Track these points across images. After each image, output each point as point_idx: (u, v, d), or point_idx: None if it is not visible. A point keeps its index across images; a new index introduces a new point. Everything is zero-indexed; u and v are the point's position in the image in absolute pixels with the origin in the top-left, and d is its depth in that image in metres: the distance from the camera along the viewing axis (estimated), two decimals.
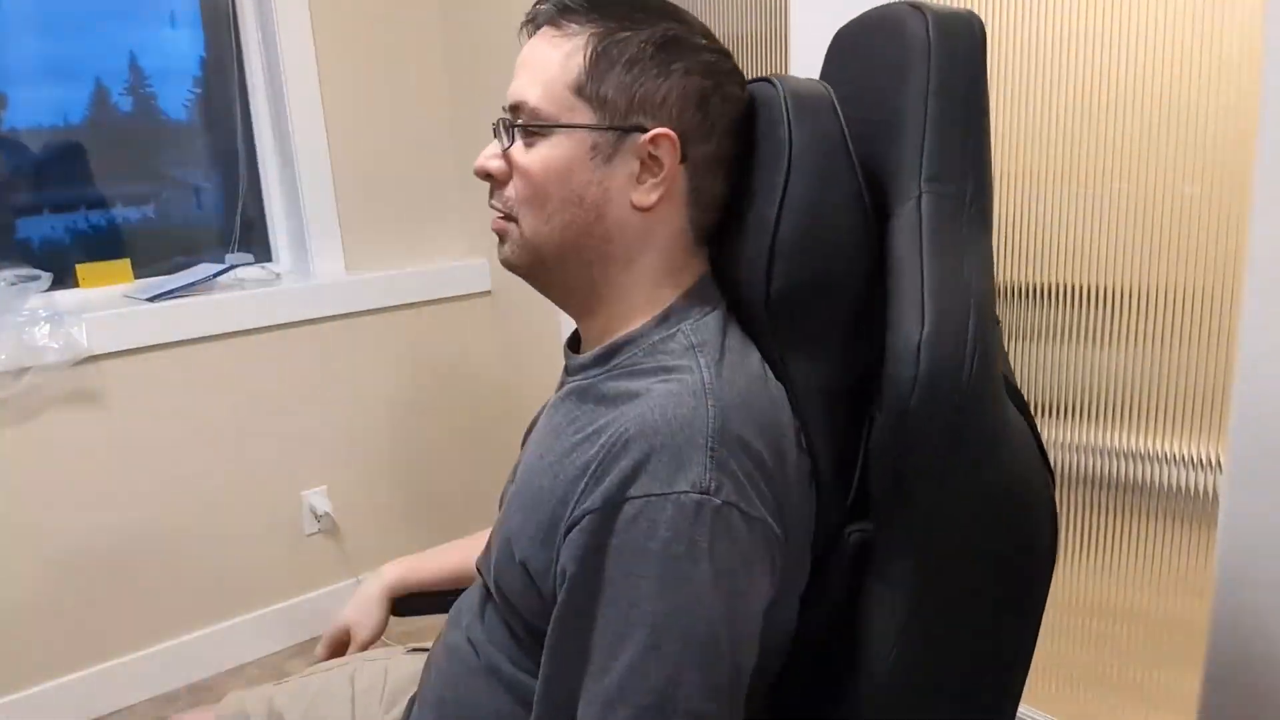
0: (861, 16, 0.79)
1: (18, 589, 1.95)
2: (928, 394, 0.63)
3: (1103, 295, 1.32)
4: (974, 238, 0.66)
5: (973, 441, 0.64)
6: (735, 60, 0.79)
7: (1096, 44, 1.26)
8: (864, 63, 0.80)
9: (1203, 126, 1.19)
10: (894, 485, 0.67)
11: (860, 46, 0.81)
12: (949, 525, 0.67)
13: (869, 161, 0.71)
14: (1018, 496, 0.68)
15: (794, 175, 0.69)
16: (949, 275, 0.64)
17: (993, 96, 1.38)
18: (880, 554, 0.69)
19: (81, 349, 1.89)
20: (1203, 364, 1.24)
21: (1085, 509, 1.41)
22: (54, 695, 2.01)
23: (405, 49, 2.34)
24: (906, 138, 0.68)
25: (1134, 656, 1.40)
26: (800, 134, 0.70)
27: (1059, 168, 1.33)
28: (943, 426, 0.63)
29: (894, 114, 0.70)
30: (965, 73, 0.68)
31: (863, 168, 0.70)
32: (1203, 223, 1.21)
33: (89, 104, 2.08)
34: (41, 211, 2.07)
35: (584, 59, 0.76)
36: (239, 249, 2.31)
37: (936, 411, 0.63)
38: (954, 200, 0.66)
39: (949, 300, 0.63)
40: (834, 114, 0.71)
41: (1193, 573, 1.31)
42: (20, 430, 1.91)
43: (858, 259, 0.70)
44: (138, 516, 2.07)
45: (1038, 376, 1.42)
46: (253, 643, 2.26)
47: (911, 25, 0.69)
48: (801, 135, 0.70)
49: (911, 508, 0.67)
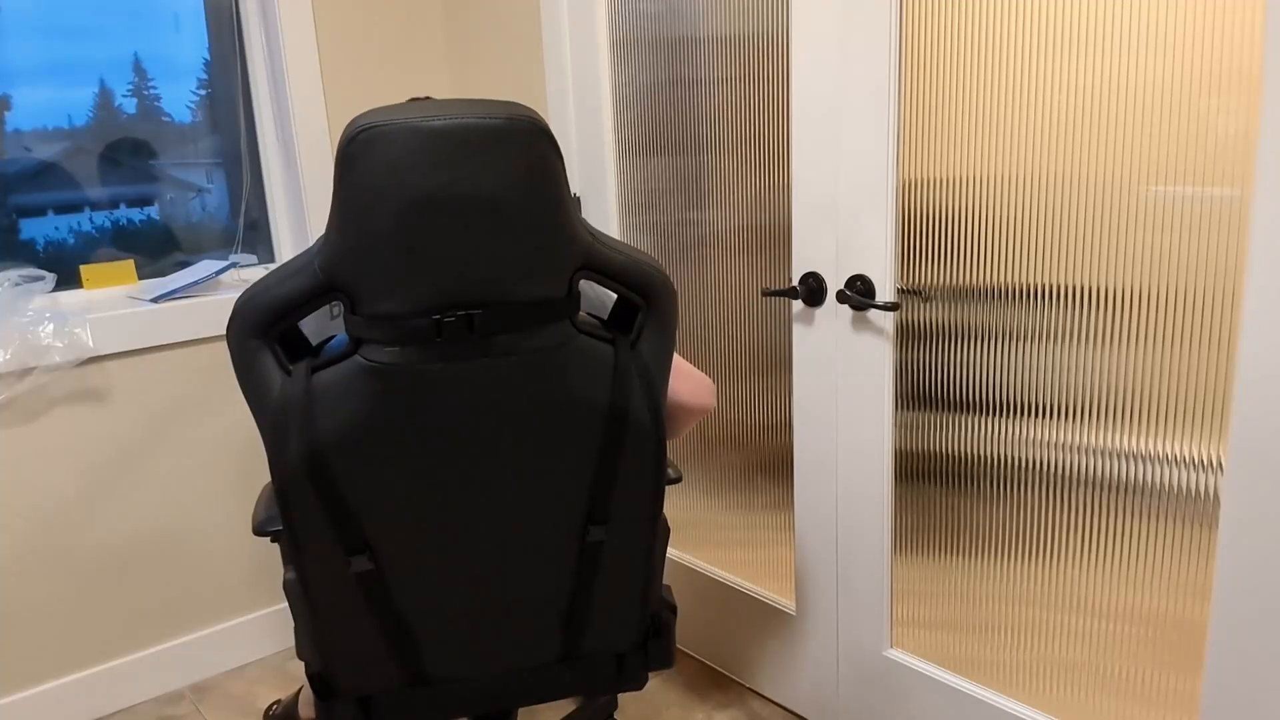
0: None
1: (21, 589, 1.96)
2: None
3: (1104, 297, 1.33)
4: (294, 270, 1.03)
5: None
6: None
7: (1100, 47, 1.26)
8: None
9: (1204, 129, 1.19)
10: None
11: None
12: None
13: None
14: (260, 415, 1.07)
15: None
16: (269, 273, 1.04)
17: (996, 97, 1.37)
18: None
19: (86, 349, 1.90)
20: (1204, 365, 1.24)
21: (1086, 509, 1.41)
22: (56, 695, 2.02)
23: (408, 49, 2.34)
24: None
25: (1134, 656, 1.40)
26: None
27: (1061, 170, 1.33)
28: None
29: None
30: (339, 171, 0.97)
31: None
32: (1204, 225, 1.21)
33: (93, 105, 2.09)
34: (46, 213, 2.07)
35: None
36: (242, 249, 2.32)
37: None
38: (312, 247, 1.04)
39: (252, 286, 1.05)
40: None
41: (1193, 573, 1.31)
42: (24, 430, 1.91)
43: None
44: (141, 516, 2.07)
45: (1039, 377, 1.42)
46: (255, 643, 2.27)
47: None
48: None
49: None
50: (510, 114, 0.96)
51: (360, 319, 1.01)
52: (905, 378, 1.60)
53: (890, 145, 1.51)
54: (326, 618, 1.17)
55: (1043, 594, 1.49)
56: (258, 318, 1.04)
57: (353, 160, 0.95)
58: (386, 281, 0.99)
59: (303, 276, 1.02)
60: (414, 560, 1.16)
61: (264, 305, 1.03)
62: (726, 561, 2.06)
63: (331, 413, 1.04)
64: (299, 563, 1.13)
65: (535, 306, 1.03)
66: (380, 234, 0.97)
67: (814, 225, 1.66)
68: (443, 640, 1.23)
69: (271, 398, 1.05)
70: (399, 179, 0.95)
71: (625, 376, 1.11)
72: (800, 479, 1.81)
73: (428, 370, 1.03)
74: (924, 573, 1.66)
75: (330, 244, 1.00)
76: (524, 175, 0.98)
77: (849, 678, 1.82)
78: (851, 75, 1.54)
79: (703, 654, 2.15)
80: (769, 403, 1.87)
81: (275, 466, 1.06)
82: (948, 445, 1.57)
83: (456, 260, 0.99)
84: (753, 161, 1.77)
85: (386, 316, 1.00)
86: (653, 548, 1.25)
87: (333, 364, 1.04)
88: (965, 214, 1.46)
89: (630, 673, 1.36)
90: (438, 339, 1.01)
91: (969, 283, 1.48)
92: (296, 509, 1.08)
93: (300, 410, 1.03)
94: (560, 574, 1.23)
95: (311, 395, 1.04)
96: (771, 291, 1.72)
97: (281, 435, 1.04)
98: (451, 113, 0.95)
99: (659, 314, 1.13)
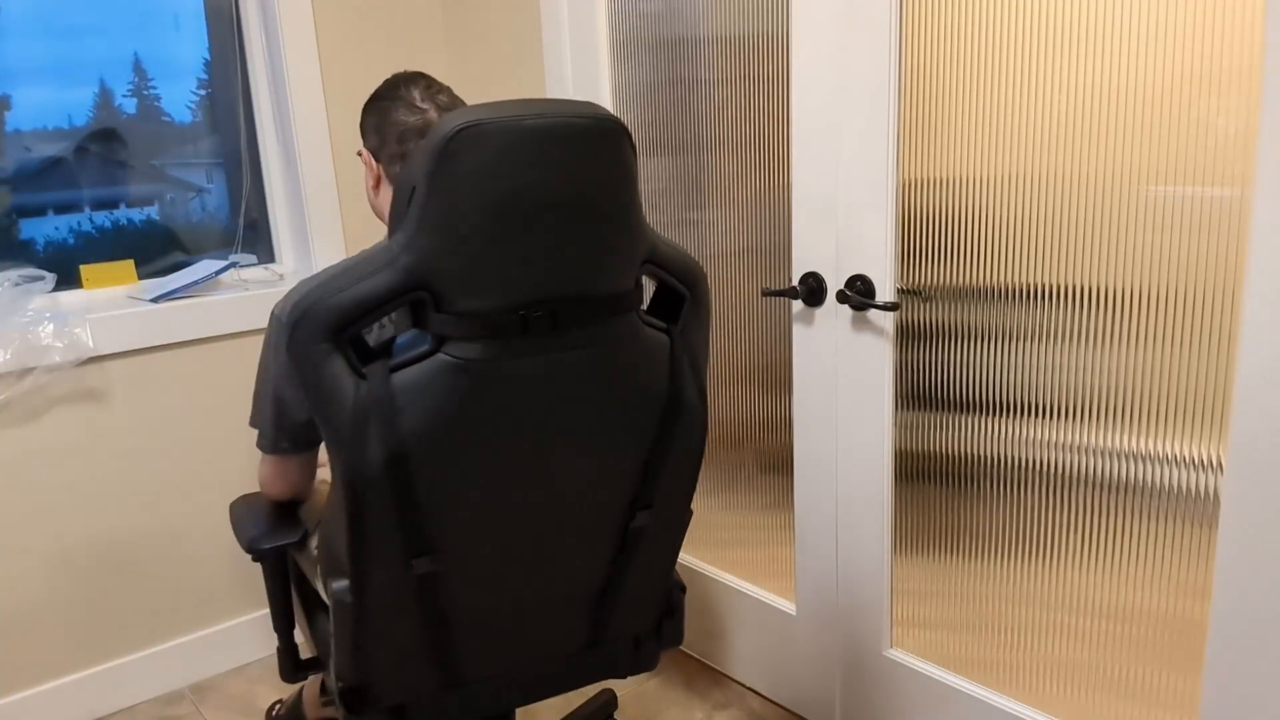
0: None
1: (22, 589, 1.96)
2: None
3: (1104, 297, 1.33)
4: (370, 270, 1.00)
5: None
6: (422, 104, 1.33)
7: (1100, 47, 1.26)
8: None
9: (1204, 129, 1.19)
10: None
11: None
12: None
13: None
14: (329, 421, 1.04)
15: (394, 192, 1.10)
16: (332, 273, 1.01)
17: (996, 97, 1.38)
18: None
19: (86, 349, 1.90)
20: (1204, 366, 1.24)
21: (1087, 510, 1.41)
22: (56, 695, 2.02)
23: (408, 49, 2.34)
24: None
25: (1134, 656, 1.40)
26: (400, 168, 1.16)
27: (1061, 170, 1.33)
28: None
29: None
30: (428, 169, 0.96)
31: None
32: (1204, 225, 1.21)
33: (93, 105, 2.09)
34: (46, 213, 2.07)
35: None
36: (242, 249, 2.32)
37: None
38: (390, 246, 1.00)
39: (312, 287, 1.01)
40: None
41: (1193, 573, 1.31)
42: (24, 430, 1.91)
43: None
44: (142, 516, 2.07)
45: (1039, 377, 1.42)
46: (255, 643, 2.27)
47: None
48: (401, 169, 1.16)
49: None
50: (596, 114, 0.99)
51: (446, 316, 1.00)
52: (905, 378, 1.60)
53: (890, 145, 1.51)
54: (375, 627, 1.14)
55: (1043, 594, 1.49)
56: (330, 319, 0.99)
57: (453, 157, 0.94)
58: (477, 278, 0.99)
59: (385, 275, 0.98)
60: (473, 558, 1.14)
61: (337, 307, 0.99)
62: (726, 561, 2.06)
63: (413, 411, 1.02)
64: (359, 570, 1.09)
65: (611, 299, 1.06)
66: (476, 231, 0.97)
67: (814, 225, 1.66)
68: (482, 639, 1.22)
69: (344, 401, 1.01)
70: (498, 176, 0.96)
71: (680, 364, 1.15)
72: (800, 479, 1.81)
73: (510, 365, 1.03)
74: (924, 573, 1.66)
75: (418, 241, 0.97)
76: (610, 173, 1.01)
77: (849, 678, 1.82)
78: (851, 75, 1.54)
79: (703, 654, 2.15)
80: (769, 402, 1.87)
81: (351, 471, 1.02)
82: (948, 445, 1.57)
83: (547, 256, 1.00)
84: (753, 161, 1.77)
85: (474, 313, 1.00)
86: (683, 530, 1.29)
87: (412, 363, 1.01)
88: (965, 214, 1.46)
89: (647, 654, 1.39)
90: (523, 334, 1.02)
91: (969, 283, 1.48)
92: (370, 513, 1.05)
93: (382, 411, 1.01)
94: (600, 562, 1.24)
95: (392, 395, 1.01)
96: (771, 291, 1.72)
97: (360, 438, 1.01)
98: (545, 112, 0.97)
99: (699, 302, 1.17)
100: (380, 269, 0.99)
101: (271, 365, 1.21)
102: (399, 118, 1.35)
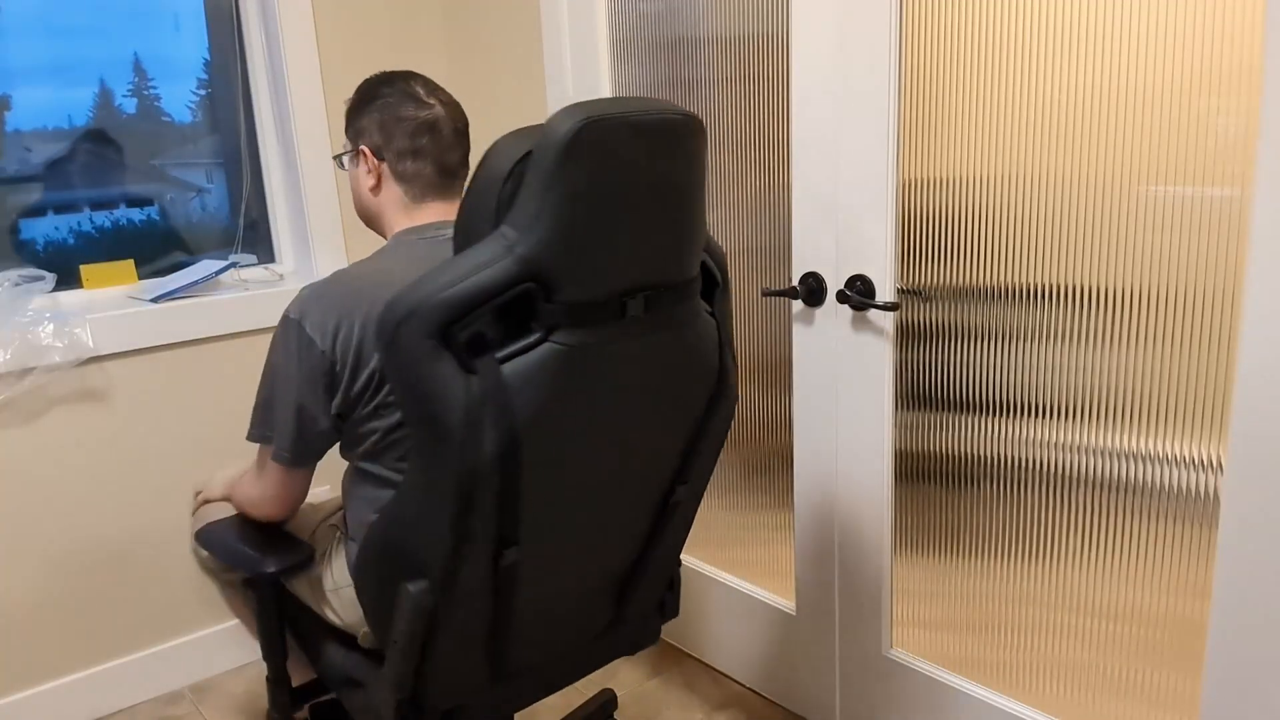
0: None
1: (21, 589, 1.96)
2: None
3: (1104, 297, 1.33)
4: (479, 264, 1.00)
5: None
6: (425, 100, 1.32)
7: (1100, 46, 1.26)
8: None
9: (1204, 129, 1.19)
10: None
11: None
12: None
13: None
14: (437, 420, 1.03)
15: (466, 194, 1.05)
16: (436, 272, 1.00)
17: (996, 97, 1.38)
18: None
19: (86, 349, 1.90)
20: (1204, 366, 1.24)
21: (1087, 510, 1.41)
22: (56, 695, 2.02)
23: (408, 50, 2.34)
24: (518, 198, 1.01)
25: (1134, 656, 1.40)
26: (477, 170, 1.04)
27: (1061, 170, 1.34)
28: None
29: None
30: (550, 164, 0.97)
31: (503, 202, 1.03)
32: (1204, 225, 1.21)
33: (93, 105, 2.09)
34: (46, 213, 2.07)
35: (345, 119, 1.38)
36: (243, 249, 2.32)
37: (381, 351, 1.03)
38: (501, 241, 0.99)
39: (418, 287, 0.99)
40: (509, 160, 1.01)
41: (1193, 573, 1.31)
42: (25, 430, 1.91)
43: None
44: (142, 516, 2.07)
45: (1039, 377, 1.42)
46: (255, 643, 2.26)
47: (543, 130, 1.00)
48: (477, 171, 1.04)
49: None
50: (682, 111, 1.05)
51: (555, 305, 1.01)
52: (905, 378, 1.60)
53: (890, 145, 1.51)
54: (452, 626, 1.13)
55: (1043, 594, 1.49)
56: (441, 315, 0.98)
57: (578, 151, 0.96)
58: (586, 266, 1.01)
59: (500, 267, 0.98)
60: (545, 544, 1.15)
61: (449, 302, 0.98)
62: (726, 561, 2.06)
63: (523, 401, 1.02)
64: (450, 569, 1.08)
65: (687, 284, 1.12)
66: (590, 222, 0.99)
67: (814, 225, 1.66)
68: (532, 628, 1.23)
69: (452, 398, 1.00)
70: (614, 169, 0.99)
71: (724, 344, 1.21)
72: (800, 479, 1.81)
73: (609, 349, 1.06)
74: (924, 573, 1.66)
75: (535, 233, 0.98)
76: (694, 166, 1.07)
77: (849, 678, 1.82)
78: (851, 75, 1.54)
79: (703, 654, 2.15)
80: (769, 402, 1.87)
81: (464, 467, 1.02)
82: (948, 445, 1.57)
83: (644, 245, 1.05)
84: (753, 162, 1.77)
85: (581, 302, 1.02)
86: (699, 504, 1.33)
87: (519, 354, 1.02)
88: (965, 214, 1.46)
89: (651, 628, 1.41)
90: (620, 319, 1.06)
91: (969, 283, 1.48)
92: (477, 508, 1.04)
93: (498, 404, 1.01)
94: (637, 539, 1.26)
95: (504, 387, 1.01)
96: (771, 291, 1.72)
97: (474, 434, 1.00)
98: (645, 109, 1.00)
99: (727, 288, 1.24)
100: (495, 261, 0.98)
101: (291, 373, 1.18)
102: (407, 112, 1.31)
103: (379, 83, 1.34)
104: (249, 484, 1.33)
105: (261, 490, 1.30)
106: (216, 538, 1.37)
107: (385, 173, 1.34)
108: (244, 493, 1.35)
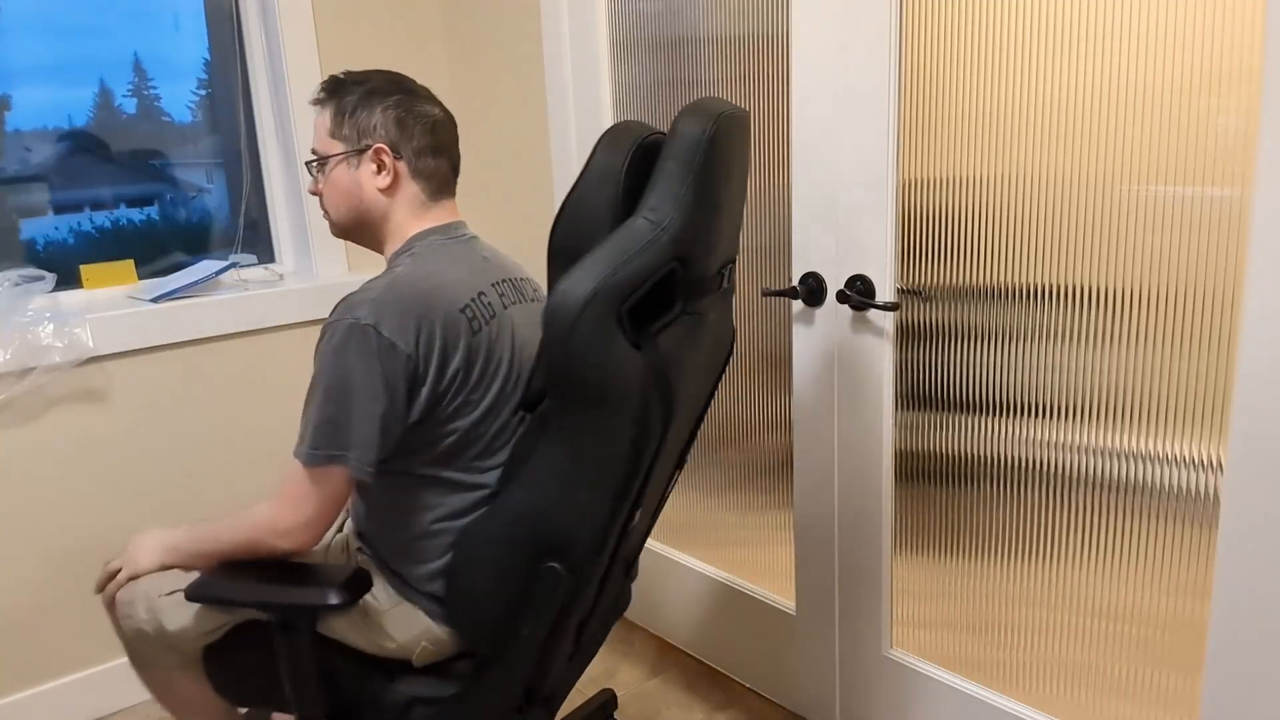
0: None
1: (22, 588, 1.96)
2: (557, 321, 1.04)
3: (1104, 297, 1.33)
4: (640, 246, 1.06)
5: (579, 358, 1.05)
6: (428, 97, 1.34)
7: (1100, 47, 1.26)
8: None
9: (1204, 129, 1.19)
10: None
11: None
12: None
13: (636, 192, 1.11)
14: (613, 397, 1.06)
15: (579, 183, 1.14)
16: (598, 257, 1.04)
17: (996, 97, 1.37)
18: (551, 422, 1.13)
19: (86, 349, 1.90)
20: (1204, 366, 1.24)
21: (1087, 510, 1.41)
22: (56, 695, 2.02)
23: (407, 50, 2.34)
24: (654, 185, 1.10)
25: (1134, 656, 1.40)
26: (593, 161, 1.13)
27: (1061, 170, 1.34)
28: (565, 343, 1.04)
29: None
30: (691, 153, 1.07)
31: (629, 193, 1.12)
32: (1204, 225, 1.21)
33: (93, 105, 2.09)
34: (46, 213, 2.07)
35: (329, 119, 1.31)
36: (242, 250, 2.32)
37: (560, 335, 1.03)
38: (650, 224, 1.07)
39: (589, 271, 1.03)
40: (623, 152, 1.13)
41: (1193, 573, 1.31)
42: (24, 430, 1.91)
43: (599, 238, 1.10)
44: (141, 516, 2.07)
45: (1039, 377, 1.42)
46: None
47: (679, 125, 1.10)
48: (593, 162, 1.13)
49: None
50: (739, 107, 1.18)
51: (690, 280, 1.12)
52: (905, 378, 1.60)
53: (890, 145, 1.51)
54: (583, 602, 1.20)
55: (1043, 594, 1.49)
56: (617, 298, 1.03)
57: (721, 141, 1.09)
58: (709, 243, 1.14)
59: (654, 250, 1.06)
60: (640, 511, 1.24)
61: (622, 283, 1.03)
62: (726, 561, 2.06)
63: (674, 369, 1.13)
64: (600, 542, 1.14)
65: (732, 260, 1.28)
66: (717, 204, 1.12)
67: (814, 225, 1.66)
68: (605, 593, 1.32)
69: (629, 373, 1.05)
70: (733, 157, 1.14)
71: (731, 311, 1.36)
72: (800, 479, 1.81)
73: (710, 318, 1.22)
74: (924, 573, 1.66)
75: (679, 217, 1.07)
76: (749, 155, 1.23)
77: (849, 678, 1.82)
78: (851, 75, 1.54)
79: (703, 654, 2.15)
80: (769, 403, 1.87)
81: (643, 438, 1.07)
82: (948, 445, 1.57)
83: (734, 223, 1.23)
84: (753, 161, 1.77)
85: (704, 276, 1.15)
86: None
87: (668, 325, 1.12)
88: (965, 214, 1.46)
89: (627, 593, 1.51)
90: (718, 288, 1.21)
91: (969, 283, 1.48)
92: (639, 477, 1.12)
93: (666, 373, 1.10)
94: (661, 490, 1.35)
95: (665, 358, 1.11)
96: (771, 291, 1.72)
97: (646, 406, 1.08)
98: (729, 106, 1.13)
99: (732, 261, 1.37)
100: (649, 246, 1.06)
101: (370, 380, 1.14)
102: (423, 109, 1.30)
103: (383, 83, 1.30)
104: (288, 511, 1.18)
105: (309, 514, 1.18)
106: (226, 585, 1.21)
107: (403, 171, 1.30)
108: (277, 522, 1.19)
